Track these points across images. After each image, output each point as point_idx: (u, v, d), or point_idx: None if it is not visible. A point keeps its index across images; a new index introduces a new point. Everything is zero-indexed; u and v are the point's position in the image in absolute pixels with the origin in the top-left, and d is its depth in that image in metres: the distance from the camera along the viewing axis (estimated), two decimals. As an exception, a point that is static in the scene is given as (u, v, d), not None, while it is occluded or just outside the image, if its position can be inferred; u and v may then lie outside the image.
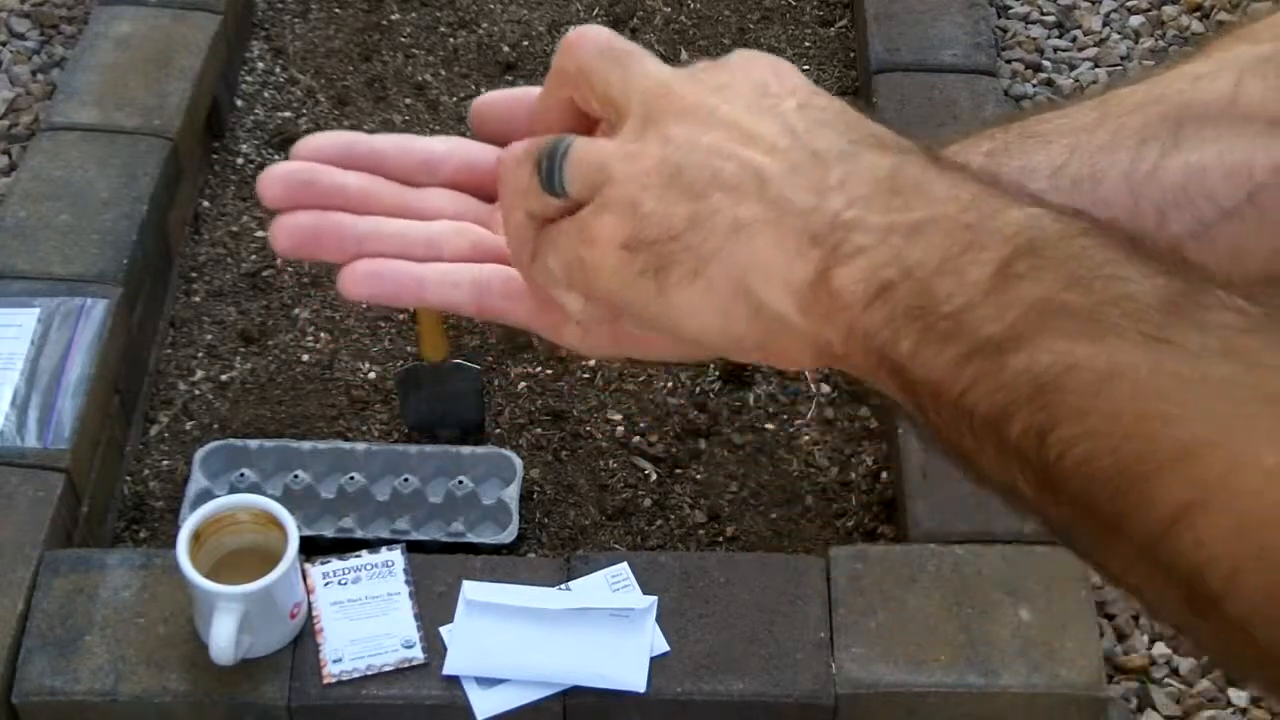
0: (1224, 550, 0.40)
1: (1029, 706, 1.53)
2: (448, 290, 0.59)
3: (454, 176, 0.63)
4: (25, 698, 1.50)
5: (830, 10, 2.49)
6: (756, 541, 1.82)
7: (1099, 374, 0.43)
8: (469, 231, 0.61)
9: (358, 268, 0.58)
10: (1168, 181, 0.61)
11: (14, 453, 1.68)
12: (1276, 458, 0.40)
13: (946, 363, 0.46)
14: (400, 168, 0.62)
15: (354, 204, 0.60)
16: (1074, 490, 0.44)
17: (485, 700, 1.51)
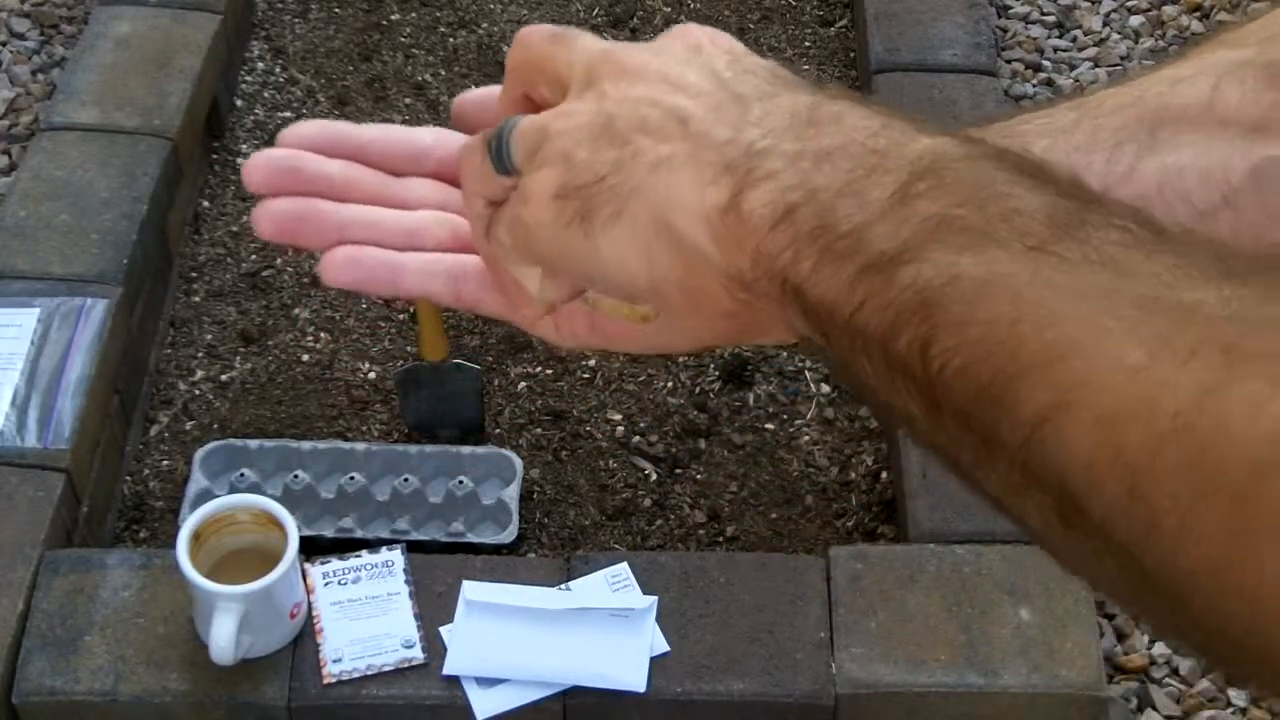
0: (1085, 448, 0.40)
1: (1029, 706, 1.53)
2: (425, 279, 0.60)
3: (439, 168, 0.63)
4: (25, 698, 1.50)
5: (830, 10, 2.49)
6: (756, 541, 1.82)
7: (978, 283, 0.43)
8: (450, 222, 0.62)
9: (337, 254, 0.59)
10: (1143, 183, 0.62)
11: (14, 453, 1.68)
12: (1140, 357, 0.40)
13: (841, 282, 0.46)
14: (385, 157, 0.63)
15: (337, 192, 0.61)
16: (955, 403, 0.44)
17: (485, 700, 1.51)
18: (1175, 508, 0.39)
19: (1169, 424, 0.39)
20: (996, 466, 0.44)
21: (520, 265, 0.56)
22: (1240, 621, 0.38)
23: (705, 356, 2.00)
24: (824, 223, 0.47)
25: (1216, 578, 0.38)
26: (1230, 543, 0.38)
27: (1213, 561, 0.38)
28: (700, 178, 0.49)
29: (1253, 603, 0.38)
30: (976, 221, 0.44)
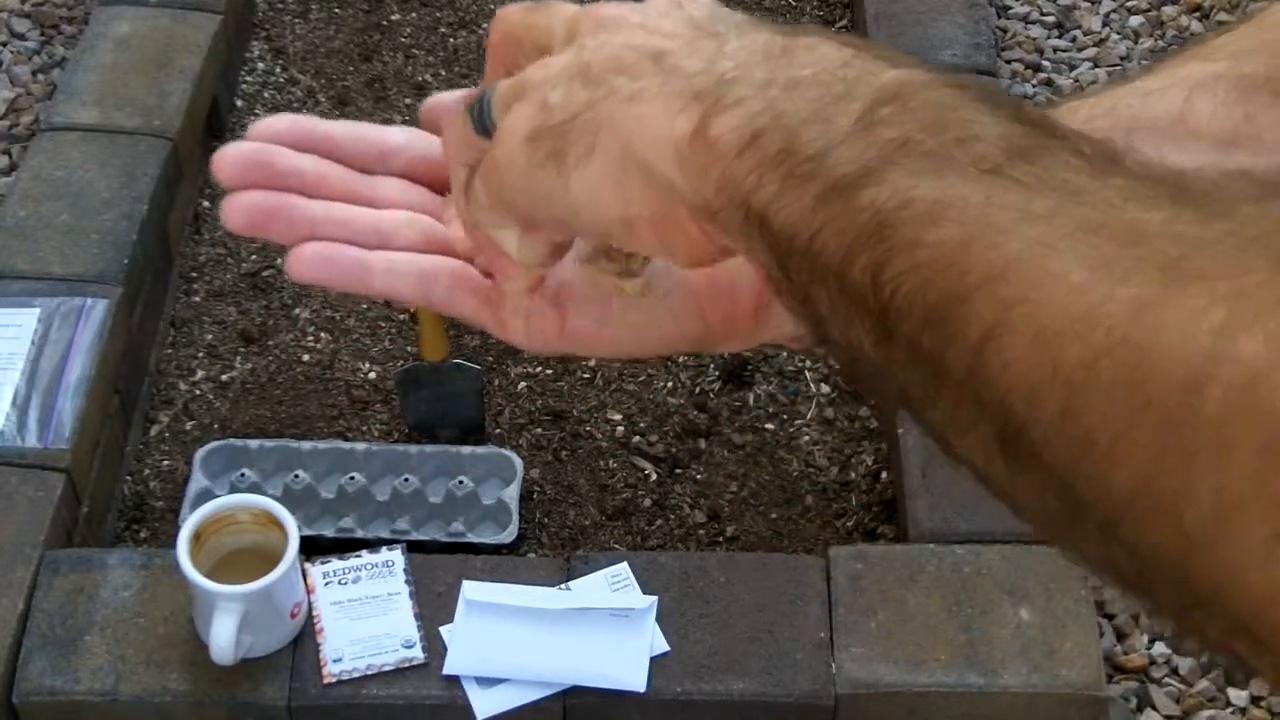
0: (1025, 368, 0.40)
1: (1029, 706, 1.53)
2: (394, 279, 0.60)
3: (408, 167, 0.63)
4: (25, 698, 1.50)
5: (830, 10, 2.49)
6: (756, 541, 1.82)
7: (930, 205, 0.43)
8: (419, 223, 0.62)
9: (306, 250, 0.59)
10: None
11: (14, 453, 1.68)
12: (1083, 277, 0.40)
13: (803, 206, 0.46)
14: (354, 155, 0.63)
15: (308, 187, 0.60)
16: (905, 331, 0.44)
17: (485, 700, 1.51)
18: (1108, 425, 0.38)
19: (1104, 339, 0.39)
20: (945, 396, 0.44)
21: (499, 228, 0.56)
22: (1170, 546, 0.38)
23: (705, 357, 2.00)
24: (788, 147, 0.47)
25: (1146, 497, 0.38)
26: (1161, 459, 0.38)
27: (1143, 479, 0.38)
28: (669, 107, 0.49)
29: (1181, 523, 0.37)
30: (934, 146, 0.44)
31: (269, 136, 0.61)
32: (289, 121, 0.62)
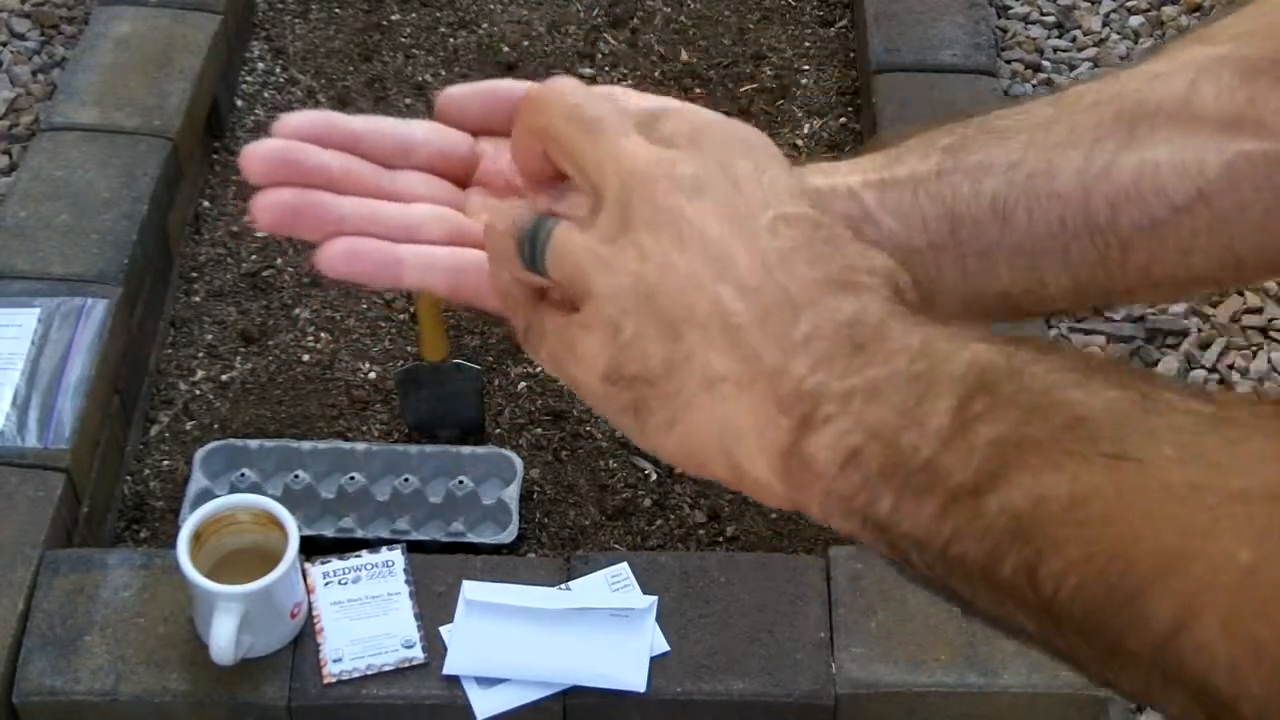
0: (1222, 652, 0.41)
1: (1029, 706, 1.53)
2: (424, 273, 0.60)
3: (429, 161, 0.64)
4: (25, 698, 1.50)
5: (830, 10, 2.49)
6: (756, 541, 1.82)
7: (1067, 502, 0.44)
8: (447, 218, 0.62)
9: (337, 245, 0.59)
10: (1120, 178, 0.62)
11: (14, 453, 1.68)
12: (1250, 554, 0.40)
13: (927, 517, 0.47)
14: (376, 150, 0.63)
15: (335, 183, 0.61)
16: (1076, 620, 0.44)
17: (485, 700, 1.51)
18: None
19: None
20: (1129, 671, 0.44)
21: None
22: None
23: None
24: (892, 460, 0.48)
25: None
26: None
27: None
28: (757, 414, 0.50)
29: None
30: (1044, 436, 0.45)
31: (294, 133, 0.61)
32: (311, 117, 0.62)
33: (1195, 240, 0.63)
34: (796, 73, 2.39)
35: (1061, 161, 0.63)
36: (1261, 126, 0.62)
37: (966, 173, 0.64)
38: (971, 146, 0.65)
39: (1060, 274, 0.64)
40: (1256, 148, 0.62)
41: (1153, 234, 0.63)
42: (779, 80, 2.37)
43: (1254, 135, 0.62)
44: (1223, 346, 2.04)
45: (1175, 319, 2.07)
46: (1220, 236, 0.63)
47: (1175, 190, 0.62)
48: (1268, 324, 2.08)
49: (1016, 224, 0.63)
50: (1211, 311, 2.08)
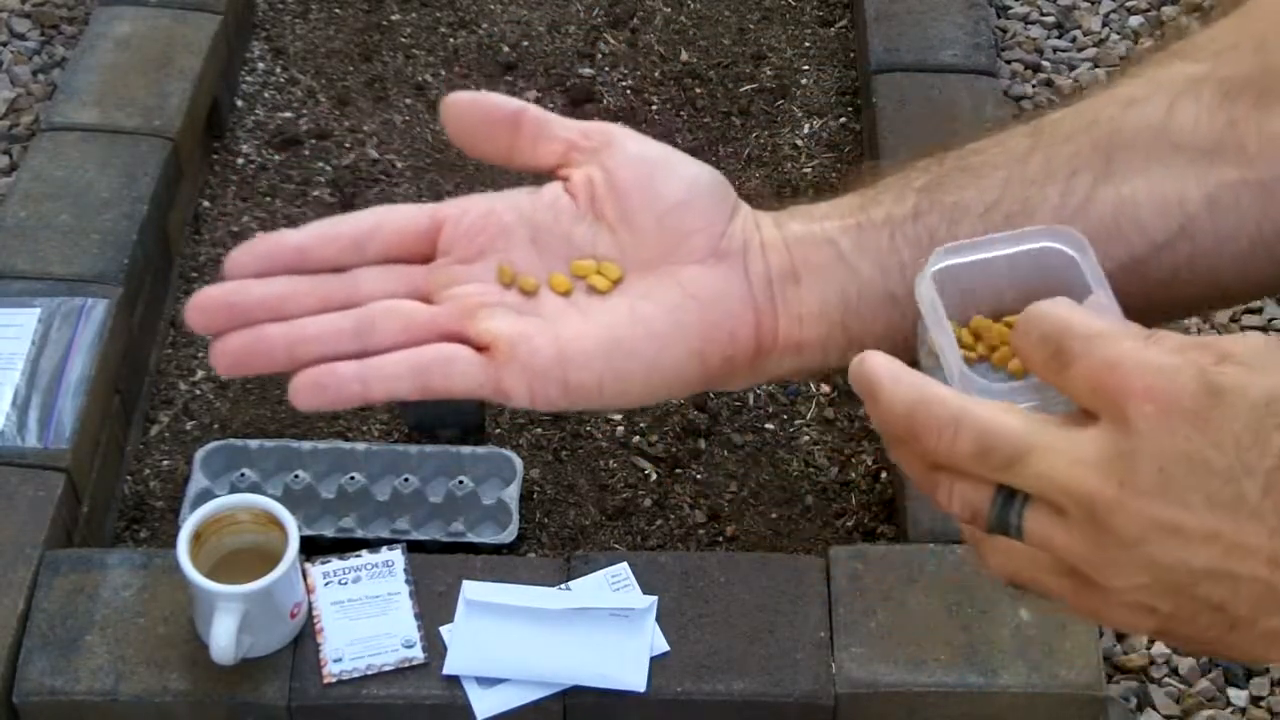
0: None
1: (1029, 706, 1.53)
2: (389, 384, 0.60)
3: (384, 249, 0.63)
4: (26, 698, 1.51)
5: (830, 10, 2.49)
6: (756, 541, 1.82)
7: None
8: (399, 312, 0.62)
9: (301, 382, 0.60)
10: (1098, 215, 0.61)
11: (14, 453, 1.68)
12: None
13: None
14: (326, 256, 0.63)
15: (278, 312, 0.61)
16: None
17: (485, 700, 1.51)
18: None
19: None
20: None
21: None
22: None
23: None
24: None
25: None
26: None
27: None
28: None
29: None
30: None
31: (239, 270, 0.62)
32: (254, 249, 0.62)
33: (1178, 274, 0.62)
34: (796, 73, 2.39)
35: (1039, 199, 0.62)
36: (1242, 152, 0.61)
37: (943, 214, 0.63)
38: (947, 186, 0.64)
39: None
40: (1237, 176, 0.61)
41: (1134, 270, 0.62)
42: (779, 80, 2.37)
43: (1234, 163, 0.61)
44: (1222, 346, 2.04)
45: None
46: (1203, 269, 0.62)
47: (1156, 227, 0.61)
48: (1268, 324, 2.08)
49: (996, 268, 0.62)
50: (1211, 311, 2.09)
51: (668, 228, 0.64)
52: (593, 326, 0.62)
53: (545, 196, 0.65)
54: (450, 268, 0.64)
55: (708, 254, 0.64)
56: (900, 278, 0.63)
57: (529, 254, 0.64)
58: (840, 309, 0.64)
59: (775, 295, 0.64)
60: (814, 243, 0.64)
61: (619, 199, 0.64)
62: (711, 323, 0.63)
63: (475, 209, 0.64)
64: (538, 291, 0.63)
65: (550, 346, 0.61)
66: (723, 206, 0.65)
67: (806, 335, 0.64)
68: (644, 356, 0.62)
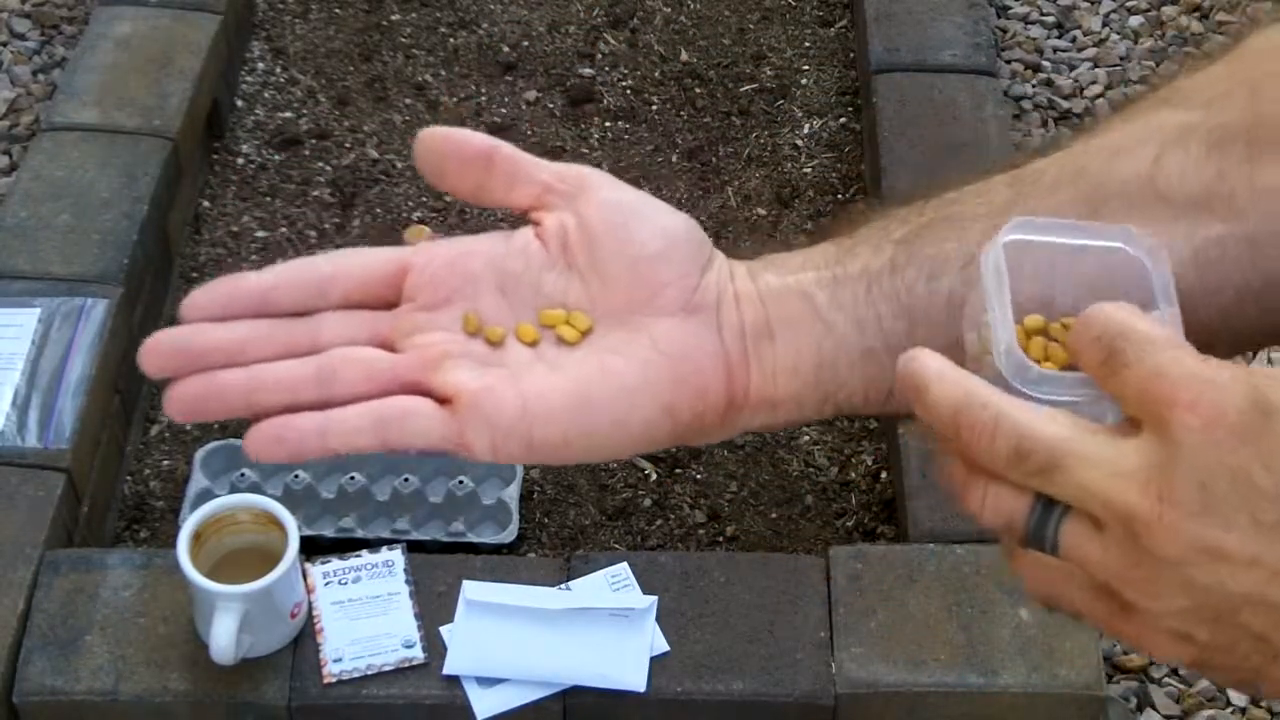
0: None
1: (1029, 706, 1.53)
2: (351, 436, 0.59)
3: (347, 295, 0.62)
4: (26, 697, 1.51)
5: (830, 10, 2.49)
6: (756, 541, 1.82)
7: None
8: (359, 360, 0.60)
9: (259, 434, 0.58)
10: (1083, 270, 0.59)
11: (14, 453, 1.68)
12: None
13: None
14: (288, 300, 0.62)
15: (236, 357, 0.60)
16: None
17: (485, 700, 1.51)
18: None
19: None
20: None
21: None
22: None
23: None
24: None
25: None
26: None
27: None
28: None
29: None
30: None
31: (199, 313, 0.61)
32: (214, 291, 0.62)
33: None
34: (796, 73, 2.39)
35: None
36: (1230, 205, 0.59)
37: (921, 267, 0.62)
38: (927, 237, 0.63)
39: None
40: (1225, 231, 0.59)
41: None
42: (779, 80, 2.37)
43: (1222, 216, 0.59)
44: (1222, 346, 2.04)
45: (1175, 319, 2.07)
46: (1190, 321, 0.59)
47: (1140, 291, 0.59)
48: None
49: None
50: (1211, 311, 2.08)
51: (640, 278, 0.62)
52: (560, 381, 0.60)
53: (516, 242, 0.63)
54: (414, 315, 0.62)
55: (680, 307, 0.62)
56: (877, 331, 0.62)
57: (496, 302, 0.62)
58: (815, 365, 0.62)
59: (749, 351, 0.62)
60: (789, 296, 0.63)
61: (591, 247, 0.62)
62: (682, 379, 0.61)
63: (441, 255, 0.63)
64: (503, 342, 0.61)
65: (514, 401, 0.59)
66: (697, 258, 0.63)
67: (780, 392, 0.63)
68: (612, 413, 0.60)
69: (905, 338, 0.61)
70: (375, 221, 2.13)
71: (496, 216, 2.16)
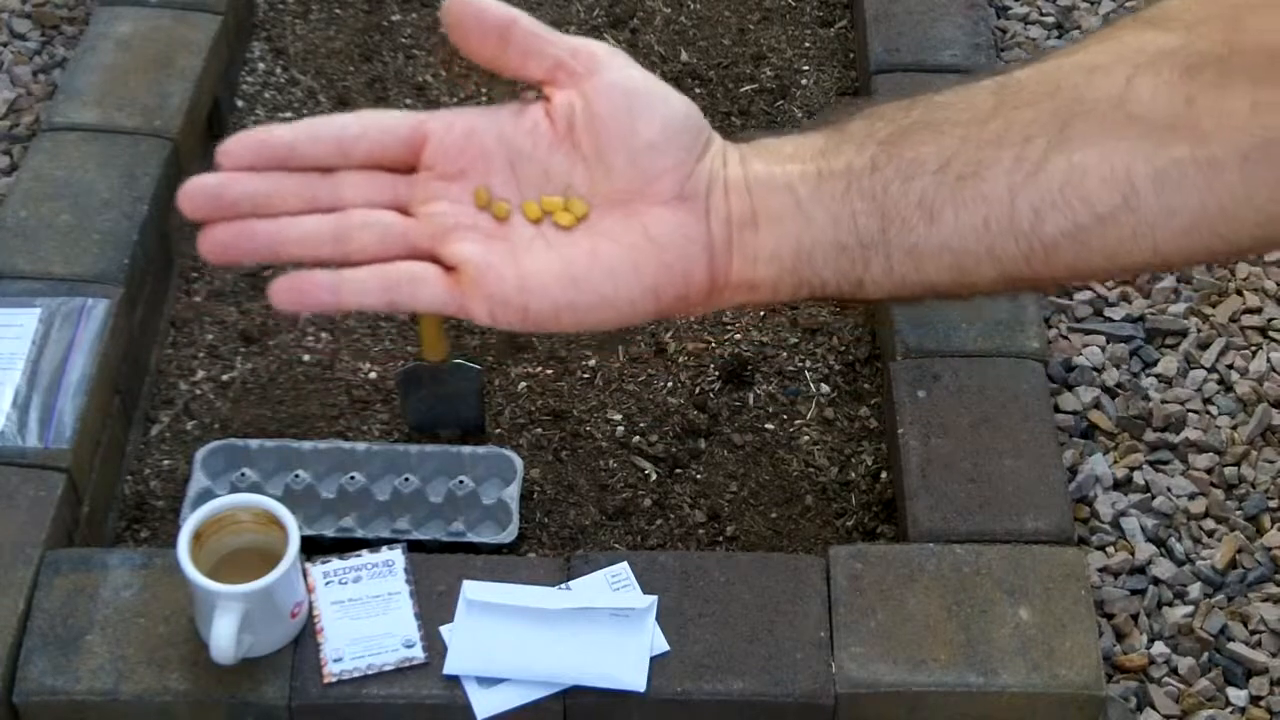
0: None
1: (1028, 706, 1.53)
2: (360, 295, 0.65)
3: (368, 155, 0.67)
4: (26, 697, 1.51)
5: (830, 10, 2.49)
6: (756, 541, 1.82)
7: None
8: (375, 224, 0.66)
9: (280, 284, 0.66)
10: (1047, 183, 0.63)
11: (15, 453, 1.69)
12: None
13: None
14: (315, 157, 0.66)
15: (264, 208, 0.66)
16: None
17: (485, 700, 1.51)
18: None
19: None
20: None
21: None
22: None
23: (705, 357, 2.00)
24: None
25: None
26: None
27: None
28: None
29: None
30: None
31: (232, 162, 0.66)
32: (245, 140, 0.66)
33: (1120, 245, 0.64)
34: (796, 73, 2.39)
35: (992, 161, 0.64)
36: (1196, 130, 0.62)
37: (899, 169, 0.66)
38: (908, 140, 0.66)
39: (986, 269, 0.66)
40: (1188, 154, 0.62)
41: (1076, 238, 0.64)
42: (779, 80, 2.37)
43: (1187, 140, 0.62)
44: (1222, 346, 2.04)
45: (1175, 319, 2.08)
46: (1145, 240, 0.63)
47: (1100, 199, 0.63)
48: (1267, 324, 2.08)
49: (943, 224, 0.65)
50: (1211, 311, 2.09)
51: (638, 169, 0.67)
52: (555, 261, 0.66)
53: (526, 121, 0.68)
54: (430, 183, 0.67)
55: (673, 195, 0.67)
56: (851, 228, 0.66)
57: (506, 178, 0.67)
58: (793, 255, 0.67)
59: (733, 238, 0.67)
60: (774, 188, 0.67)
61: (595, 133, 0.67)
62: (667, 264, 0.66)
63: (460, 126, 0.67)
64: (509, 218, 0.67)
65: (513, 276, 0.65)
66: (694, 146, 0.67)
67: (760, 276, 0.68)
68: (600, 292, 0.66)
69: (878, 234, 0.66)
70: (375, 221, 2.13)
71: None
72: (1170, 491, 1.89)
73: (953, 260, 0.65)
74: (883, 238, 0.65)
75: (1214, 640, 1.76)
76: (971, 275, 0.66)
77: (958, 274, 0.66)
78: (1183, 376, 2.01)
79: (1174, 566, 1.82)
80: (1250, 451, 1.93)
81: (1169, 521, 1.87)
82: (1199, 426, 1.96)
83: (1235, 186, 0.62)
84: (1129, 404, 1.98)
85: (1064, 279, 0.66)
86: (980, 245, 0.65)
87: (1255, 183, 0.61)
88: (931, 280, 0.66)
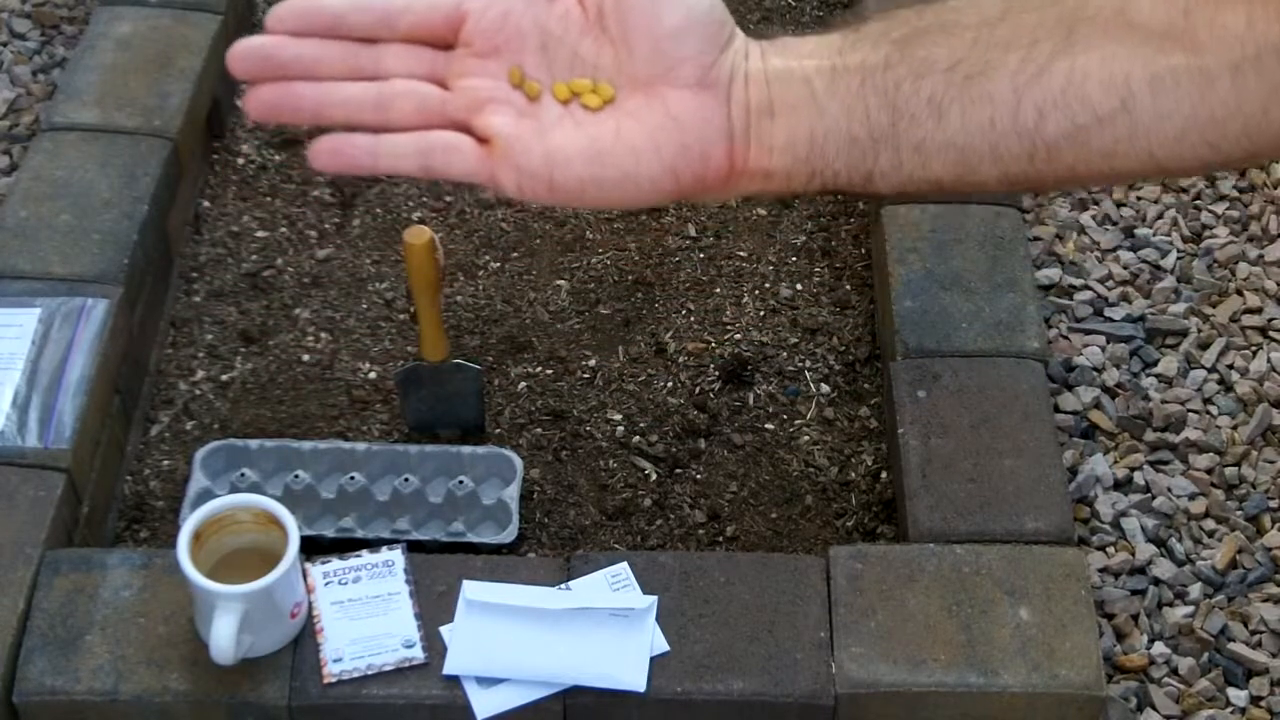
0: None
1: (1028, 706, 1.53)
2: (395, 160, 0.68)
3: (411, 29, 0.70)
4: (26, 697, 1.51)
5: (830, 10, 2.49)
6: (756, 541, 1.82)
7: None
8: (414, 94, 0.69)
9: (321, 145, 0.68)
10: (1050, 84, 0.67)
11: (14, 453, 1.69)
12: None
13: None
14: (360, 26, 0.69)
15: (310, 71, 0.68)
16: None
17: (485, 700, 1.51)
18: None
19: None
20: None
21: None
22: None
23: (705, 357, 2.00)
24: None
25: None
26: None
27: None
28: None
29: None
30: None
31: (280, 26, 0.69)
32: (294, 7, 0.69)
33: (1117, 146, 0.67)
34: (796, 73, 2.39)
35: (999, 63, 0.68)
36: (1193, 40, 0.65)
37: (911, 67, 0.69)
38: (921, 40, 0.70)
39: (989, 167, 0.69)
40: (1182, 62, 0.66)
41: (1076, 138, 0.67)
42: (779, 80, 2.37)
43: (1183, 49, 0.66)
44: (1222, 346, 2.04)
45: (1175, 319, 2.08)
46: (1140, 143, 0.67)
47: (1099, 101, 0.66)
48: (1267, 324, 2.08)
49: (950, 121, 0.68)
50: (1211, 311, 2.09)
51: (662, 53, 0.70)
52: (581, 137, 0.69)
53: (559, 7, 0.71)
54: (467, 60, 0.70)
55: (695, 81, 0.70)
56: (864, 121, 0.69)
57: (538, 59, 0.71)
58: (807, 145, 0.70)
59: (751, 126, 0.70)
60: (791, 81, 0.70)
61: (622, 19, 0.70)
62: (687, 145, 0.70)
63: (497, 7, 0.70)
64: (540, 97, 0.70)
65: (541, 150, 0.69)
66: (717, 37, 0.70)
67: (774, 164, 0.71)
68: (622, 168, 0.69)
69: (888, 128, 0.69)
70: (375, 221, 2.13)
71: (496, 216, 2.16)
72: (1170, 492, 1.89)
73: (958, 157, 0.68)
74: (892, 131, 0.69)
75: (1214, 640, 1.76)
76: (975, 172, 0.69)
77: (962, 170, 0.69)
78: (1183, 376, 2.01)
79: (1174, 567, 1.82)
80: (1250, 451, 1.94)
81: (1169, 522, 1.87)
82: (1199, 426, 1.96)
83: (1226, 96, 0.65)
84: (1129, 404, 1.98)
85: (1065, 180, 0.69)
86: (985, 143, 0.68)
87: (1245, 94, 0.65)
88: (937, 175, 0.69)
